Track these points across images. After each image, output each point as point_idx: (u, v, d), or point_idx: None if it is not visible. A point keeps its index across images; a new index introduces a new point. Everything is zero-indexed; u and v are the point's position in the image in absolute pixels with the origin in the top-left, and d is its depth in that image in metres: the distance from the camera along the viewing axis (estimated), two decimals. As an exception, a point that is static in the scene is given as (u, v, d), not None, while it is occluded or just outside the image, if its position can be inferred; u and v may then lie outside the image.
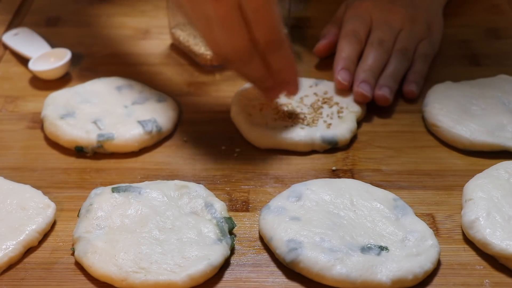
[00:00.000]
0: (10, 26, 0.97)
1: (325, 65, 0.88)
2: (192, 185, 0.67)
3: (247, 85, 0.82)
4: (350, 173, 0.72)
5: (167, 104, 0.79)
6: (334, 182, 0.68)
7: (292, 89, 0.75)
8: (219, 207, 0.65)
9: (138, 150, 0.75)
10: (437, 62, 0.88)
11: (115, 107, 0.78)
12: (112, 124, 0.75)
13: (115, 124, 0.75)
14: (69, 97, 0.79)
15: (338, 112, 0.77)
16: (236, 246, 0.64)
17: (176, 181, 0.68)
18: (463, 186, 0.68)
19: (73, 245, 0.63)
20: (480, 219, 0.63)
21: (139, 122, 0.76)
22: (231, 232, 0.64)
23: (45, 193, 0.68)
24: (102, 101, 0.79)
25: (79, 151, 0.74)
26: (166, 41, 0.93)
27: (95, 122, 0.76)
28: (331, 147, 0.74)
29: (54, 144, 0.76)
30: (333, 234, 0.62)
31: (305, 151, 0.74)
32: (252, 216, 0.67)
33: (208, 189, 0.68)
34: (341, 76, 0.80)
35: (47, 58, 0.87)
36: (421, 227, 0.63)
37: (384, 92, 0.79)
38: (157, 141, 0.76)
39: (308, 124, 0.75)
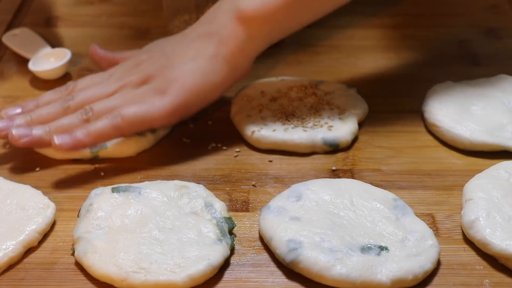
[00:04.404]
0: (10, 26, 0.96)
1: (325, 65, 0.88)
2: (192, 185, 0.67)
3: (247, 85, 0.82)
4: (350, 173, 0.72)
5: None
6: (334, 182, 0.68)
7: None
8: (219, 207, 0.65)
9: (136, 154, 0.74)
10: (437, 62, 0.88)
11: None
12: None
13: None
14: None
15: (339, 113, 0.77)
16: (236, 246, 0.64)
17: (176, 181, 0.68)
18: (463, 186, 0.68)
19: (73, 245, 0.63)
20: (480, 219, 0.63)
21: None
22: (231, 232, 0.64)
23: (45, 193, 0.68)
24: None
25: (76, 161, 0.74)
26: (166, 41, 0.93)
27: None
28: (332, 149, 0.74)
29: (54, 144, 0.76)
30: (333, 234, 0.62)
31: (306, 152, 0.74)
32: (252, 216, 0.67)
33: (208, 189, 0.68)
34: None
35: (47, 58, 0.87)
36: (421, 227, 0.63)
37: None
38: (154, 143, 0.76)
39: (308, 126, 0.75)
